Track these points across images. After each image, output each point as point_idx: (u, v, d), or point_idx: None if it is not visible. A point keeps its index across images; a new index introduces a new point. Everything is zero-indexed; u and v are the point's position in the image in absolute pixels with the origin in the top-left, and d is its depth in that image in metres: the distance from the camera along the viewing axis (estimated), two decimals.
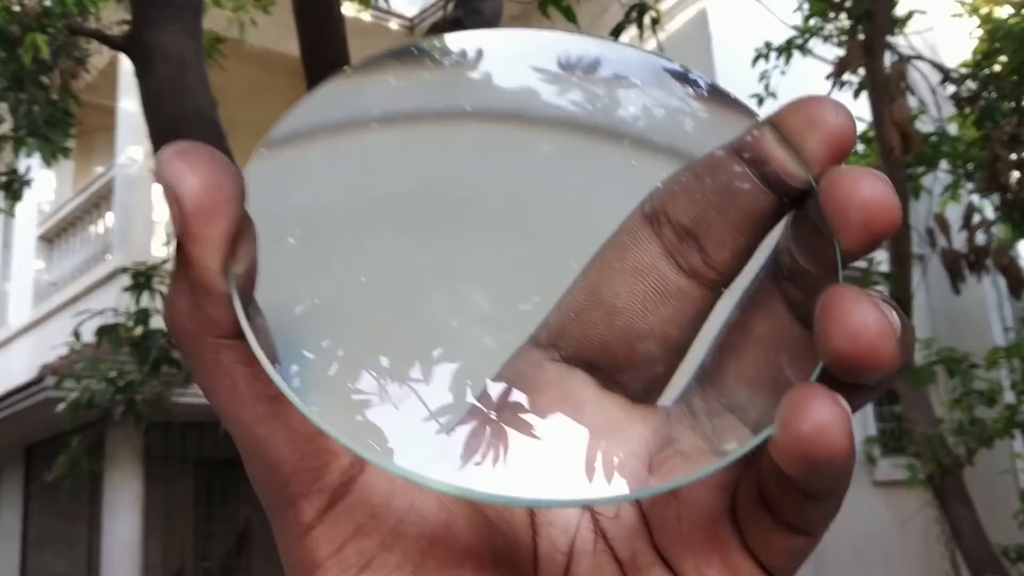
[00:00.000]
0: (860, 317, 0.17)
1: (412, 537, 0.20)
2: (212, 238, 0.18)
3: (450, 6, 3.58)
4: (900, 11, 4.68)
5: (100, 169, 7.78)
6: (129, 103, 6.82)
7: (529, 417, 0.20)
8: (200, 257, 0.18)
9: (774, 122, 0.20)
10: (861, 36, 4.36)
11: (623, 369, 0.21)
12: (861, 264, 4.46)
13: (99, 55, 5.12)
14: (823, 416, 0.17)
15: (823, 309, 0.18)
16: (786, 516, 0.19)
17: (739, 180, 0.20)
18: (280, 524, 0.21)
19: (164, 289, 3.85)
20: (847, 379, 0.18)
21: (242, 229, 0.18)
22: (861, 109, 4.99)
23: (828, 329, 0.17)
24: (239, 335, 0.19)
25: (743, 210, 0.20)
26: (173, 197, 0.18)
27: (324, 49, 2.84)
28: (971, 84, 4.92)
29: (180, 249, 0.18)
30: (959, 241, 4.55)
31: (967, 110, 4.89)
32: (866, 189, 0.18)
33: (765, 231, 0.20)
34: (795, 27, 5.29)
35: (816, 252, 0.19)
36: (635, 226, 0.21)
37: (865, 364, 0.17)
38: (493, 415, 0.20)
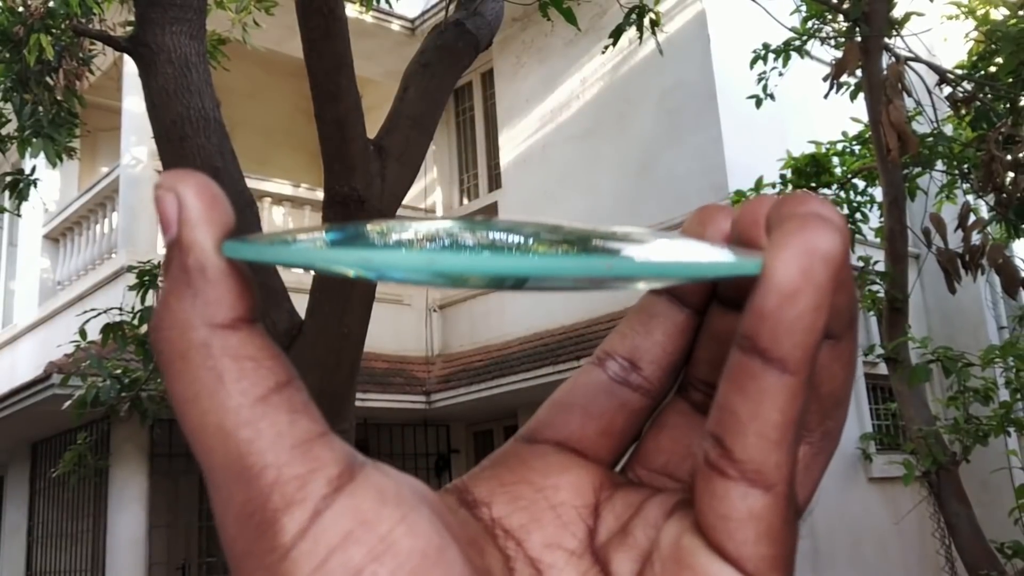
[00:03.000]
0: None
1: (404, 550, 0.19)
2: (209, 221, 0.20)
3: (451, 8, 3.61)
4: (897, 13, 4.71)
5: (105, 169, 7.82)
6: (134, 103, 6.85)
7: None
8: (198, 239, 0.20)
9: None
10: (858, 38, 4.38)
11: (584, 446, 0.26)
12: (858, 264, 4.49)
13: (103, 56, 5.15)
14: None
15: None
16: (734, 438, 0.19)
17: (657, 307, 0.26)
18: (253, 563, 0.20)
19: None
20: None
21: (230, 226, 0.20)
22: (859, 110, 5.02)
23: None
24: (233, 322, 0.20)
25: (665, 331, 0.26)
26: (174, 197, 0.20)
27: (326, 50, 2.83)
28: (967, 85, 4.95)
29: (176, 243, 0.20)
30: (955, 241, 4.56)
31: (963, 111, 4.92)
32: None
33: (688, 340, 0.26)
34: (793, 29, 5.31)
35: (717, 359, 0.22)
36: (587, 368, 0.27)
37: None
38: None
